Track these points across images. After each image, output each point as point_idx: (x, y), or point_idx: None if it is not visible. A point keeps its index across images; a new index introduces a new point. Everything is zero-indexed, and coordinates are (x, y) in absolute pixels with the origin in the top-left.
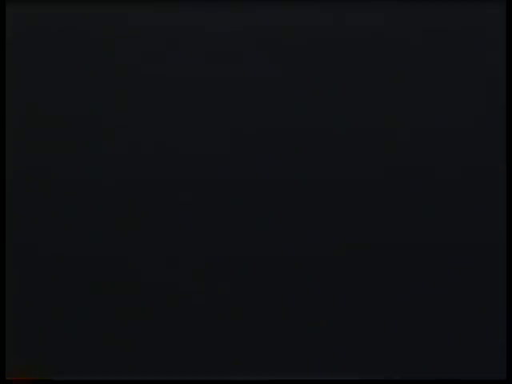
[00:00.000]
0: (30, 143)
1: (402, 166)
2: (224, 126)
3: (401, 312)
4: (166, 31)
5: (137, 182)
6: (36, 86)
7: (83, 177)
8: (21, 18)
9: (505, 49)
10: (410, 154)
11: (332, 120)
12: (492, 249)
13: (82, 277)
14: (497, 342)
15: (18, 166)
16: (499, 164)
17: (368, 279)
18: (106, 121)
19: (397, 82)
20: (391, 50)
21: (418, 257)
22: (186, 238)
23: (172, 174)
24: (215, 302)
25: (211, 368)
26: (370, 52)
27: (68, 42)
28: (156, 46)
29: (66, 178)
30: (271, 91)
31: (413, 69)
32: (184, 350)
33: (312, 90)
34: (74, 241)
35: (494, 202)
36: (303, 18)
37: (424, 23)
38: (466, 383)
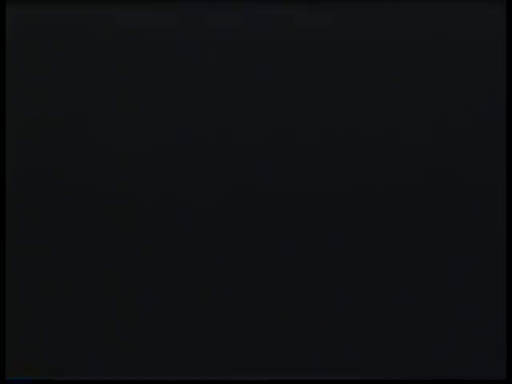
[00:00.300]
0: (29, 143)
1: (401, 166)
2: (224, 125)
3: (401, 312)
4: (166, 31)
5: (137, 181)
6: (36, 86)
7: (83, 177)
8: (21, 17)
9: (505, 49)
10: (410, 154)
11: (332, 120)
12: (492, 249)
13: (83, 276)
14: (497, 341)
15: (18, 166)
16: (499, 164)
17: (368, 279)
18: (105, 121)
19: (396, 82)
20: (390, 50)
21: (418, 256)
22: (186, 238)
23: (172, 174)
24: (215, 301)
25: (211, 368)
26: (369, 52)
27: (68, 42)
28: (156, 46)
29: (65, 177)
30: (271, 91)
31: (412, 69)
32: (184, 349)
33: (312, 91)
34: (74, 241)
35: (494, 202)
36: (303, 18)
37: (423, 23)
38: (466, 383)
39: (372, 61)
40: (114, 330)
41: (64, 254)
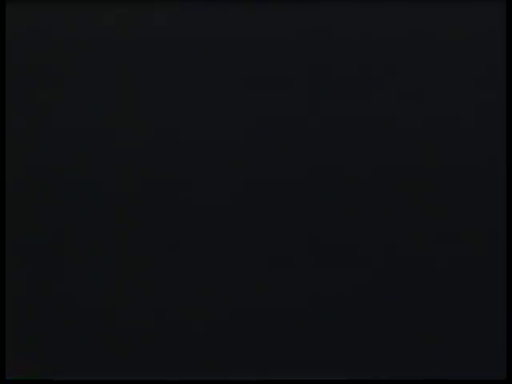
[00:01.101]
0: (29, 143)
1: (401, 164)
2: (224, 126)
3: (400, 312)
4: (165, 31)
5: (137, 181)
6: (36, 86)
7: (84, 176)
8: (21, 18)
9: (505, 49)
10: (409, 152)
11: (332, 120)
12: (492, 248)
13: (83, 276)
14: (497, 341)
15: (17, 167)
16: (499, 164)
17: (367, 278)
18: (105, 121)
19: (395, 83)
20: (390, 51)
21: (418, 256)
22: (187, 237)
23: (174, 173)
24: (215, 301)
25: (211, 368)
26: (369, 52)
27: (68, 42)
28: (156, 46)
29: (65, 177)
30: (272, 92)
31: (411, 69)
32: (184, 349)
33: (313, 92)
34: (74, 240)
35: (494, 202)
36: (303, 18)
37: (423, 23)
38: (465, 383)
39: (371, 60)
40: (114, 330)
41: (64, 254)
